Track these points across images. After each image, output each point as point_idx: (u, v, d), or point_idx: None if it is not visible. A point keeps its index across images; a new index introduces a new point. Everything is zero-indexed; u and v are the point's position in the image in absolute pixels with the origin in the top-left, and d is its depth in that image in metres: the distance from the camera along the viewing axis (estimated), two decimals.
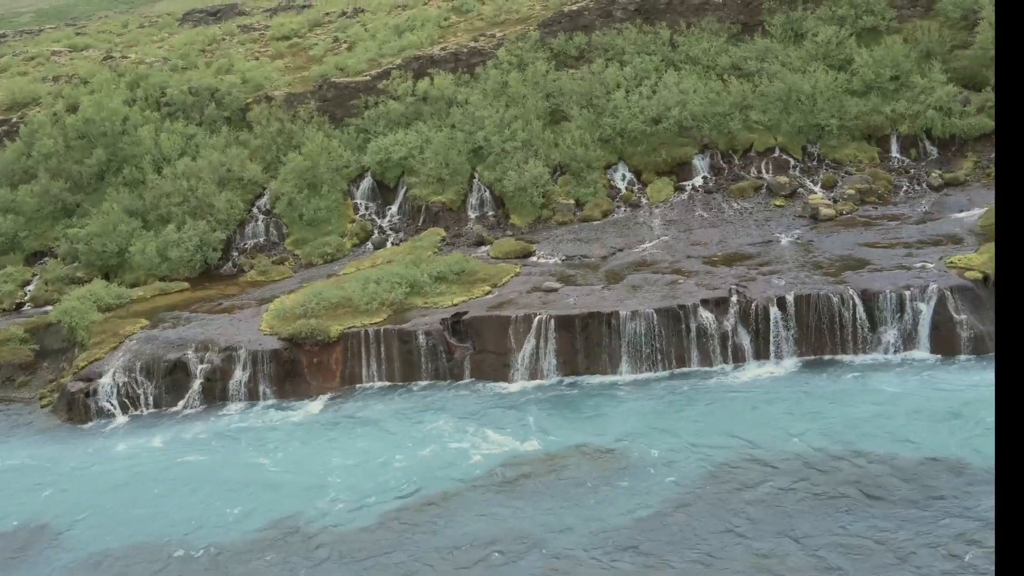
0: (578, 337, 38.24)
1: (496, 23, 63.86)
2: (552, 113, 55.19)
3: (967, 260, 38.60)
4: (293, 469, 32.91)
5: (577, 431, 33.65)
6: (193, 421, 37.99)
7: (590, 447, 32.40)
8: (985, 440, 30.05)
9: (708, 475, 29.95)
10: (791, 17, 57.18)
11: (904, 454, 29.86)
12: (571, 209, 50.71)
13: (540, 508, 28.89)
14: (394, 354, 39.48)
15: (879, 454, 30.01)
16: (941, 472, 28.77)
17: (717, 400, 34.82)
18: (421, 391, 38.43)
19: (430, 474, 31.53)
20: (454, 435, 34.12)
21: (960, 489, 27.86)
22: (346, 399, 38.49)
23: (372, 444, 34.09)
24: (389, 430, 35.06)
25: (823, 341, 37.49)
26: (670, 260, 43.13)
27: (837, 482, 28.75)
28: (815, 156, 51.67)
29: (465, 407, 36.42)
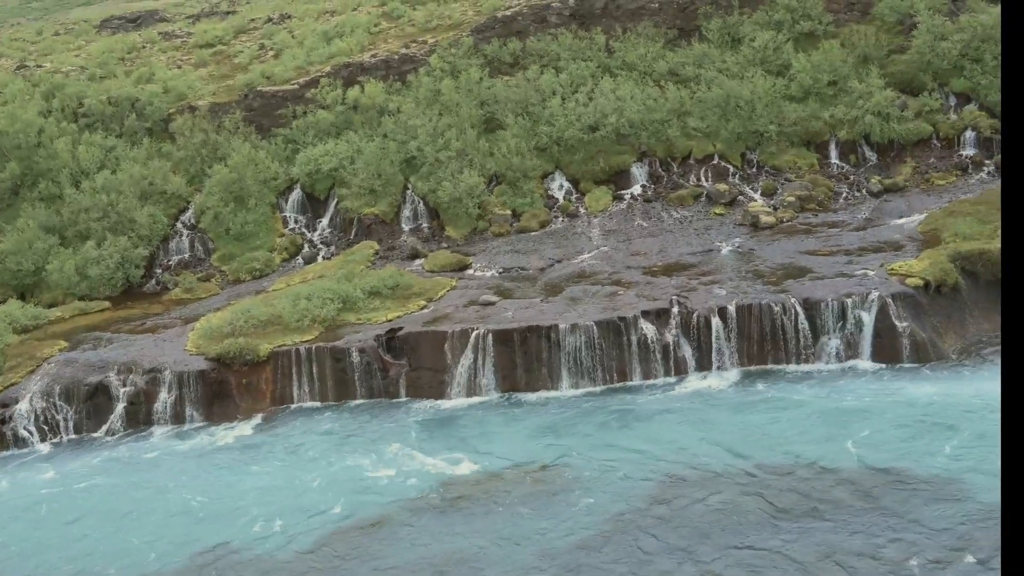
0: (517, 352, 38.19)
1: (428, 29, 63.78)
2: (487, 121, 55.21)
3: (908, 267, 39.24)
4: (220, 495, 32.40)
5: (517, 449, 33.55)
6: (116, 447, 37.29)
7: (531, 465, 32.31)
8: (927, 448, 30.52)
9: (652, 492, 29.98)
10: (728, 22, 57.85)
11: (849, 465, 30.17)
12: (508, 220, 50.74)
13: (479, 530, 28.73)
14: (327, 373, 39.12)
15: (825, 465, 30.28)
16: (886, 482, 29.09)
17: (660, 414, 34.93)
18: (355, 411, 38.09)
19: (365, 497, 31.20)
20: (389, 456, 33.81)
21: (904, 499, 28.20)
22: (277, 421, 38.06)
23: (304, 467, 33.69)
24: (322, 452, 34.69)
25: (766, 351, 37.83)
26: (610, 271, 43.28)
27: (783, 495, 28.92)
28: (754, 163, 52.25)
29: (401, 426, 36.16)
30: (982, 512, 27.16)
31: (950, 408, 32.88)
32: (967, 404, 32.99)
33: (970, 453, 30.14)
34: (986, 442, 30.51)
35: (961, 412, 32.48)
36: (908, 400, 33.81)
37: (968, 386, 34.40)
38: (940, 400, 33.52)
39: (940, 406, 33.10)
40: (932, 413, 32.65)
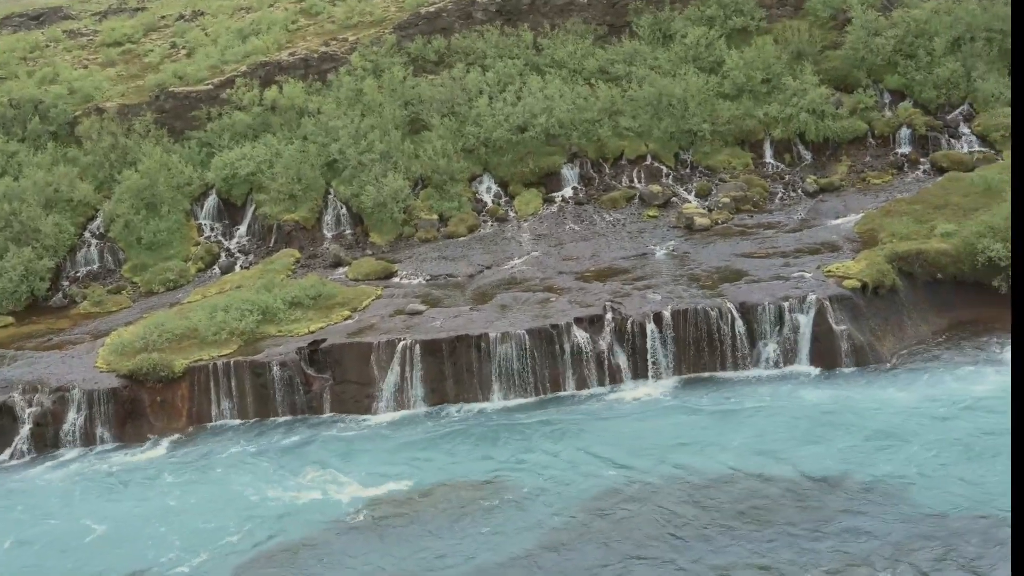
0: (446, 363, 38.11)
1: (348, 26, 63.43)
2: (411, 122, 55.04)
3: (845, 268, 39.82)
4: (131, 522, 31.83)
5: (448, 464, 33.46)
6: (21, 471, 36.50)
7: (462, 481, 32.24)
8: (867, 455, 30.99)
9: (589, 505, 30.06)
10: (659, 18, 58.31)
11: (786, 473, 30.52)
12: (435, 225, 50.61)
13: (411, 549, 28.57)
14: (246, 389, 38.71)
15: (761, 474, 30.60)
16: (826, 491, 29.45)
17: (594, 425, 35.05)
18: (277, 428, 37.74)
19: (288, 519, 30.86)
20: (314, 475, 33.52)
21: (844, 507, 28.54)
22: (194, 440, 37.56)
23: (222, 490, 33.25)
24: (241, 473, 34.27)
25: (702, 357, 38.17)
26: (541, 277, 43.37)
27: (721, 506, 29.18)
28: (688, 163, 52.70)
29: (326, 443, 35.88)
30: (924, 519, 27.59)
31: (890, 414, 33.40)
32: (906, 409, 33.54)
33: (911, 459, 30.64)
34: (927, 448, 31.05)
35: (901, 417, 33.02)
36: (847, 406, 34.29)
37: (907, 390, 35.00)
38: (879, 406, 34.03)
39: (880, 412, 33.60)
40: (872, 419, 33.14)
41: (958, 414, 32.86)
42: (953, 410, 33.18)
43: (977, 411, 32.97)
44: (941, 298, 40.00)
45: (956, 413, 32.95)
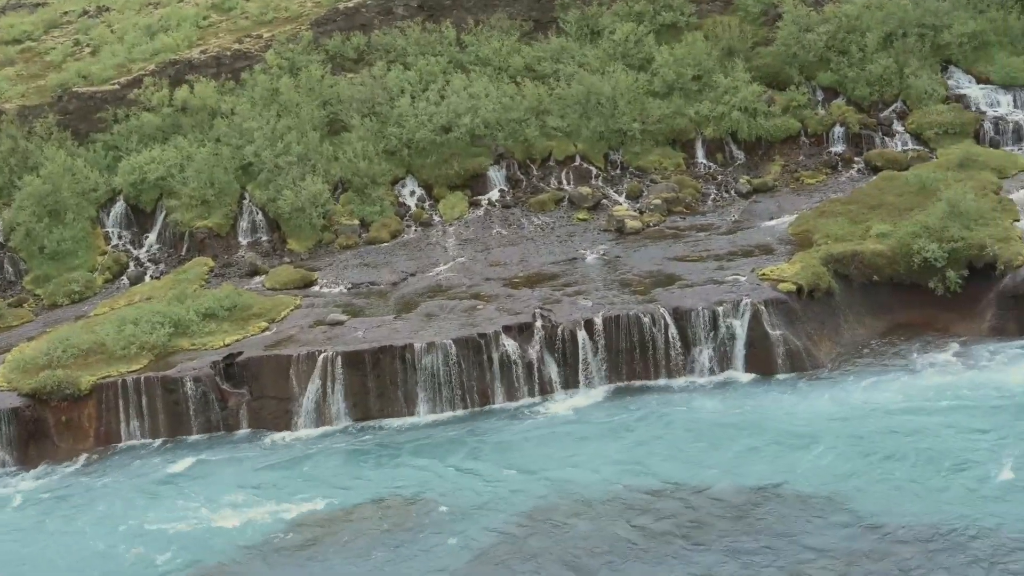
0: (369, 376, 37.86)
1: (263, 22, 62.76)
2: (330, 123, 54.58)
3: (779, 271, 40.19)
4: (33, 552, 31.21)
5: (373, 482, 33.25)
6: None
7: (388, 499, 32.09)
8: (803, 464, 31.29)
9: (520, 523, 30.00)
10: (586, 13, 58.42)
11: (722, 485, 30.72)
12: (356, 230, 50.25)
13: (336, 573, 28.34)
14: (158, 406, 38.16)
15: (697, 486, 30.78)
16: (762, 501, 29.70)
17: (525, 438, 35.03)
18: (191, 447, 37.23)
19: (204, 543, 30.44)
20: (231, 496, 33.08)
21: (782, 518, 28.81)
22: (103, 461, 36.93)
23: (133, 515, 32.67)
24: (153, 496, 33.75)
25: (635, 365, 38.30)
26: (468, 284, 43.27)
27: (657, 520, 29.30)
28: (618, 164, 52.86)
29: (243, 462, 35.47)
30: (864, 529, 27.91)
31: (826, 420, 33.77)
32: (843, 415, 33.93)
33: (849, 467, 30.99)
34: (866, 456, 31.42)
35: (837, 424, 33.40)
36: (783, 413, 34.61)
37: (844, 396, 35.41)
38: (816, 412, 34.40)
39: (816, 418, 33.96)
40: (808, 426, 33.47)
41: (897, 420, 33.28)
42: (892, 416, 33.61)
43: (917, 416, 33.45)
44: (877, 300, 40.52)
45: (895, 419, 33.37)
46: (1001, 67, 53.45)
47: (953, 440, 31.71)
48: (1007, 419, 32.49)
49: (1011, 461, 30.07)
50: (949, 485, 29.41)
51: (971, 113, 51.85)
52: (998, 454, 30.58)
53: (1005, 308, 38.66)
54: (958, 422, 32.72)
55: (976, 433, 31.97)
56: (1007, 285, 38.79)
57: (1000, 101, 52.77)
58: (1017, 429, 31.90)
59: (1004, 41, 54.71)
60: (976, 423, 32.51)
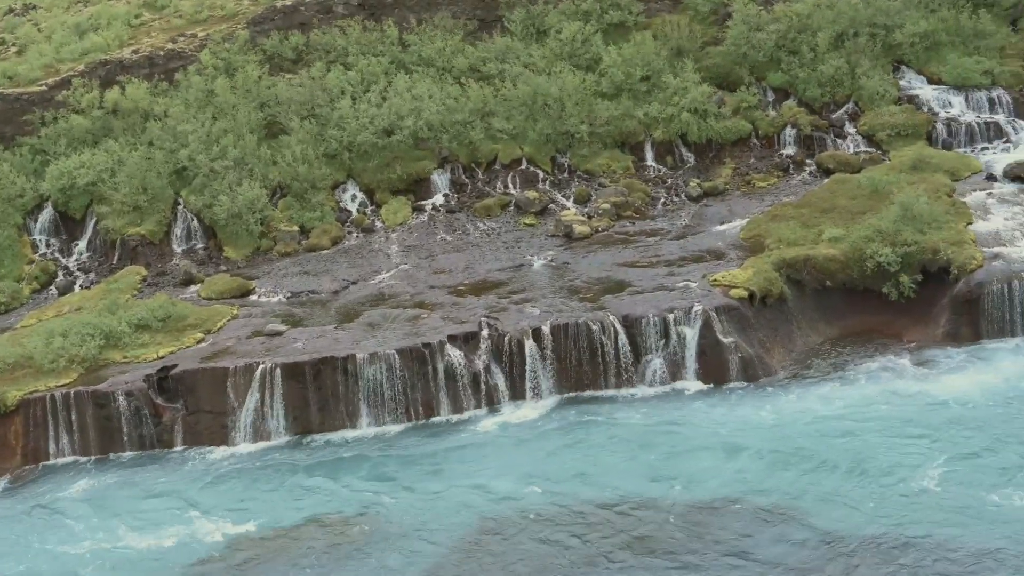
0: (310, 388, 37.57)
1: (197, 21, 62.23)
2: (268, 125, 54.22)
3: (731, 277, 40.35)
4: None
5: (314, 499, 33.03)
6: None
7: (329, 517, 31.93)
8: (757, 475, 31.50)
9: (467, 538, 29.98)
10: (532, 12, 58.47)
11: (673, 498, 30.86)
12: (295, 237, 49.90)
13: None
14: (88, 422, 37.66)
15: (648, 499, 30.90)
16: (715, 514, 29.87)
17: (471, 451, 34.96)
18: (124, 465, 36.79)
19: (135, 567, 30.09)
20: (165, 516, 32.72)
21: (735, 531, 29.04)
22: (29, 481, 36.41)
23: (60, 538, 32.20)
24: (82, 518, 33.25)
25: (585, 375, 38.29)
26: (411, 292, 43.10)
27: (606, 535, 29.36)
28: (566, 167, 52.89)
29: (177, 480, 35.09)
30: (818, 540, 28.14)
31: (779, 430, 33.99)
32: (796, 425, 34.15)
33: (802, 477, 31.22)
34: (819, 466, 31.65)
35: (790, 434, 33.62)
36: (735, 423, 34.77)
37: (797, 405, 35.64)
38: (768, 422, 34.61)
39: (768, 428, 34.17)
40: (760, 436, 33.65)
41: (850, 428, 33.58)
42: (844, 424, 33.90)
43: (869, 423, 33.79)
44: (831, 306, 40.80)
45: (848, 427, 33.67)
46: (953, 67, 54.11)
47: (903, 448, 32.13)
48: (950, 426, 33.11)
49: (940, 470, 30.61)
50: (905, 496, 29.74)
51: (923, 114, 52.42)
52: (933, 462, 31.11)
53: (959, 313, 39.09)
54: (905, 430, 33.18)
55: (924, 441, 32.48)
56: (961, 290, 39.21)
57: (952, 102, 53.41)
58: (958, 435, 32.55)
59: (956, 41, 55.44)
60: (924, 431, 33.01)
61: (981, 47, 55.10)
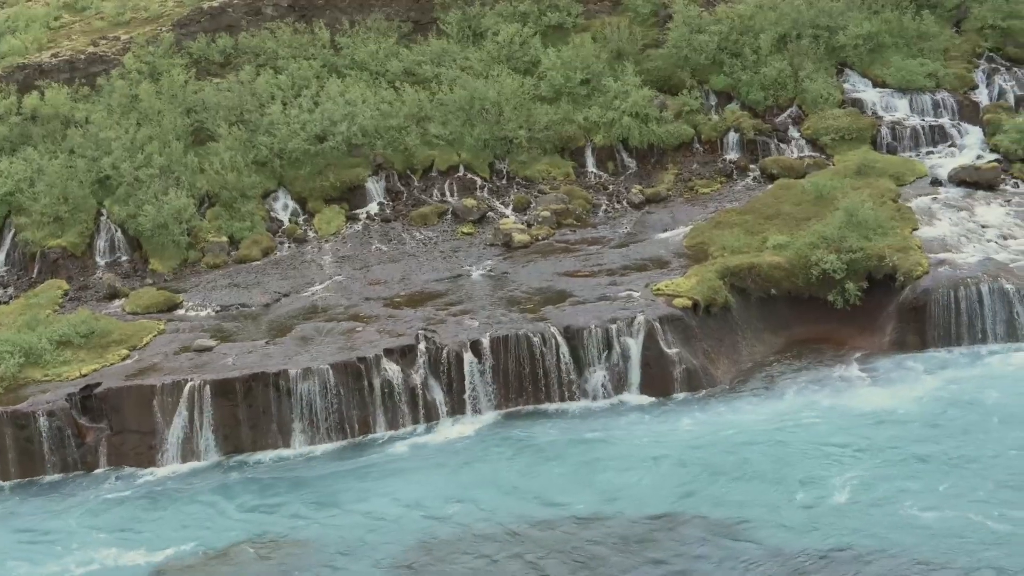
0: (240, 405, 37.32)
1: (120, 23, 61.76)
2: (195, 132, 53.81)
3: (675, 286, 40.58)
4: None
5: (245, 522, 32.75)
6: None
7: (263, 539, 31.71)
8: (700, 490, 31.70)
9: (404, 560, 29.86)
10: (467, 14, 58.55)
11: (616, 514, 30.99)
12: (224, 248, 49.52)
13: None
14: (7, 444, 37.07)
15: (593, 516, 30.98)
16: (658, 530, 30.04)
17: (408, 469, 34.87)
18: (45, 489, 36.26)
19: None
20: (87, 542, 32.24)
21: (679, 547, 29.21)
22: None
23: None
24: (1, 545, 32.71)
25: (526, 389, 38.33)
26: (346, 304, 42.92)
27: (548, 553, 29.36)
28: (504, 174, 52.95)
29: (102, 504, 34.63)
30: (763, 555, 28.37)
31: (722, 444, 34.21)
32: (739, 438, 34.43)
33: (746, 491, 31.47)
34: (764, 479, 31.89)
35: (733, 447, 33.88)
36: (679, 438, 34.95)
37: (741, 417, 35.94)
38: (712, 435, 34.83)
39: (712, 442, 34.41)
40: (704, 450, 33.87)
41: (793, 441, 33.90)
42: (788, 437, 34.21)
43: (814, 435, 34.14)
44: (776, 315, 41.16)
45: (791, 440, 33.99)
46: (897, 70, 54.82)
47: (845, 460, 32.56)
48: (891, 437, 33.69)
49: (855, 481, 31.22)
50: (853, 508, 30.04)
51: (868, 118, 53.03)
52: (867, 474, 31.67)
53: (905, 321, 39.58)
54: (846, 441, 33.68)
55: (864, 453, 32.94)
56: (907, 297, 39.71)
57: (897, 105, 54.11)
58: (902, 446, 33.09)
59: (899, 43, 56.19)
60: (865, 442, 33.52)
61: (925, 49, 55.91)
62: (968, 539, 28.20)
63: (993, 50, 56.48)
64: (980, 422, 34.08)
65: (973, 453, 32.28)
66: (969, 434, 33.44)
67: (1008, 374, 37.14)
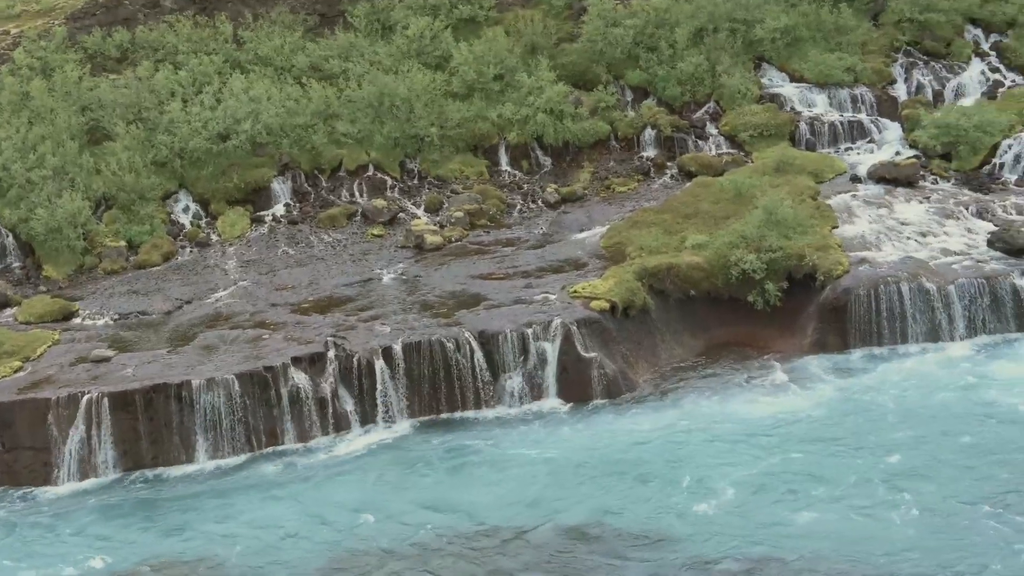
0: (141, 419, 36.83)
1: (9, 16, 60.80)
2: (91, 131, 53.05)
3: (592, 288, 40.69)
4: None
5: (148, 542, 32.30)
6: None
7: (166, 560, 31.33)
8: (621, 498, 31.87)
9: None
10: (376, 7, 58.36)
11: (538, 526, 31.03)
12: (122, 253, 48.85)
13: None
14: None
15: (507, 528, 31.03)
16: (580, 541, 30.14)
17: (319, 481, 34.65)
18: None
19: None
20: None
21: (601, 558, 29.30)
22: None
23: None
24: None
25: (440, 397, 38.24)
26: (251, 311, 42.59)
27: (463, 568, 29.36)
28: (416, 173, 52.81)
29: None
30: (688, 563, 28.65)
31: (642, 450, 34.46)
32: (659, 443, 34.73)
33: (667, 499, 31.75)
34: (684, 486, 32.18)
35: (653, 453, 34.16)
36: (597, 444, 35.14)
37: (661, 422, 36.22)
38: (630, 443, 35.06)
39: (631, 448, 34.65)
40: (624, 457, 34.09)
41: (713, 446, 34.27)
42: (708, 442, 34.57)
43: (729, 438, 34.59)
44: (695, 317, 41.43)
45: (711, 445, 34.36)
46: (815, 64, 55.54)
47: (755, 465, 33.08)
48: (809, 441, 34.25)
49: (744, 486, 31.87)
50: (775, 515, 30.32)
51: (786, 113, 53.66)
52: (777, 477, 32.34)
53: (826, 321, 40.07)
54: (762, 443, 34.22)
55: (775, 456, 33.49)
56: (828, 297, 40.19)
57: (815, 100, 54.82)
58: (816, 449, 33.72)
59: (817, 37, 56.94)
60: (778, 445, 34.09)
61: (843, 43, 56.71)
62: (844, 539, 28.97)
63: (911, 44, 57.44)
64: (877, 422, 34.90)
65: (865, 454, 33.13)
66: (861, 435, 34.23)
67: (920, 374, 37.98)
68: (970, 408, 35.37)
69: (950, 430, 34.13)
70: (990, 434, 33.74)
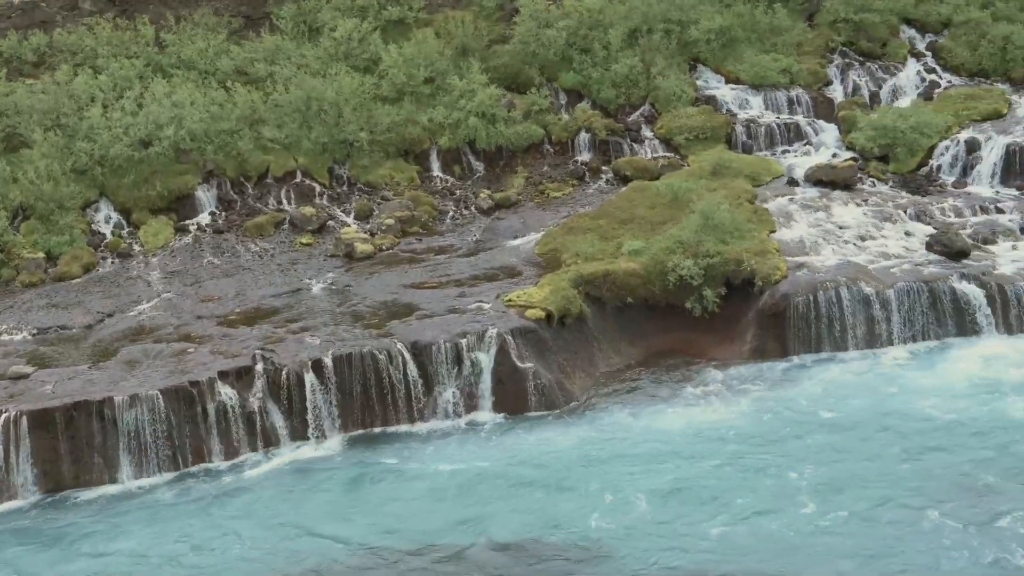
0: (61, 437, 36.18)
1: None
2: (6, 138, 52.09)
3: (527, 296, 40.64)
4: None
5: (68, 567, 31.76)
6: None
7: None
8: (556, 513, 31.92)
9: None
10: (303, 8, 57.95)
11: (472, 543, 31.00)
12: (41, 265, 48.01)
13: None
14: None
15: (446, 547, 30.87)
16: (516, 559, 30.12)
17: (245, 500, 34.32)
18: None
19: None
20: None
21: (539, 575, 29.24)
22: None
23: None
24: None
25: (372, 410, 38.03)
26: (176, 323, 42.06)
27: None
28: (345, 179, 52.43)
29: None
30: None
31: (578, 462, 34.53)
32: (596, 455, 34.80)
33: (605, 513, 31.75)
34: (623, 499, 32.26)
35: (592, 467, 34.18)
36: (532, 458, 35.09)
37: (598, 433, 36.29)
38: (567, 454, 35.08)
39: (567, 461, 34.66)
40: (559, 470, 34.10)
41: (650, 458, 34.38)
42: (646, 453, 34.71)
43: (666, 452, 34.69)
44: (633, 325, 41.48)
45: (649, 457, 34.48)
46: (750, 66, 55.90)
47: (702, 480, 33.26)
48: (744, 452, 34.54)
49: (658, 498, 32.25)
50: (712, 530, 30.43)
51: (722, 116, 53.91)
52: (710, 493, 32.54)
53: (765, 328, 40.29)
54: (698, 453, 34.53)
55: (676, 466, 33.95)
56: (766, 303, 40.42)
57: (751, 102, 55.14)
58: (750, 460, 33.98)
59: (752, 38, 57.33)
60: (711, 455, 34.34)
61: (778, 44, 57.13)
62: (768, 551, 29.30)
63: (846, 44, 58.03)
64: (809, 431, 35.21)
65: (784, 462, 33.51)
66: (780, 443, 34.65)
67: (856, 380, 38.39)
68: (904, 415, 35.73)
69: (881, 438, 34.53)
70: (922, 442, 34.08)
